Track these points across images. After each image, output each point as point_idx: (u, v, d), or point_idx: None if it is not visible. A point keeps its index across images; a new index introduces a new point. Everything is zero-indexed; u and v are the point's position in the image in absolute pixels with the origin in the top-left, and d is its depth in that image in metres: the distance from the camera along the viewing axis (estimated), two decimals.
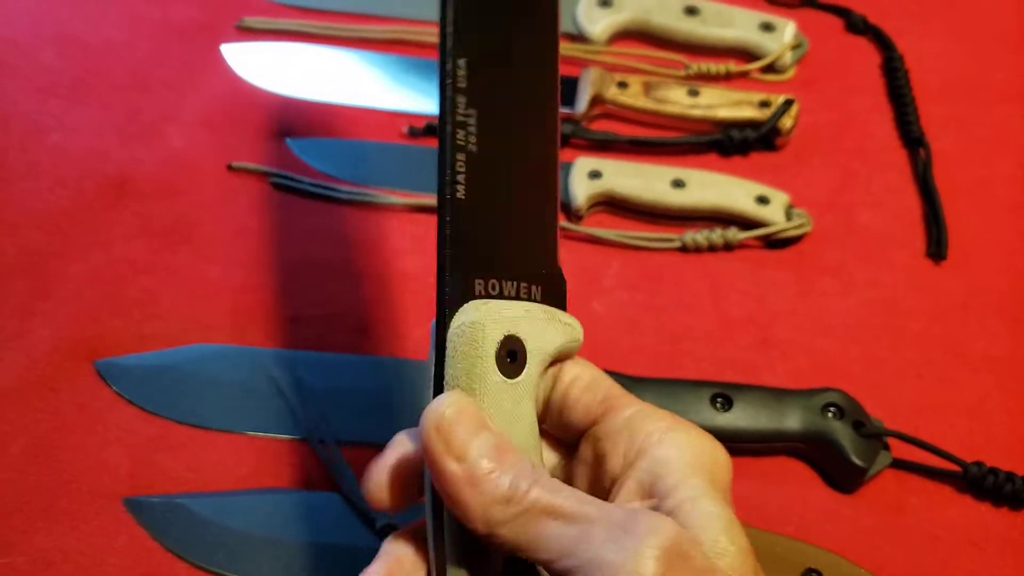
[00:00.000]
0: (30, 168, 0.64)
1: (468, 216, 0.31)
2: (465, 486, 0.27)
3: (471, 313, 0.30)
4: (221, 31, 0.72)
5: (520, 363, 0.31)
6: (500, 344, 0.30)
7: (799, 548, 0.47)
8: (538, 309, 0.32)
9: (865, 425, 0.51)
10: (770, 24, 0.72)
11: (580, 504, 0.27)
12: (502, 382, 0.30)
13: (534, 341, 0.31)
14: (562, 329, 0.32)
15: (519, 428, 0.31)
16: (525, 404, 0.31)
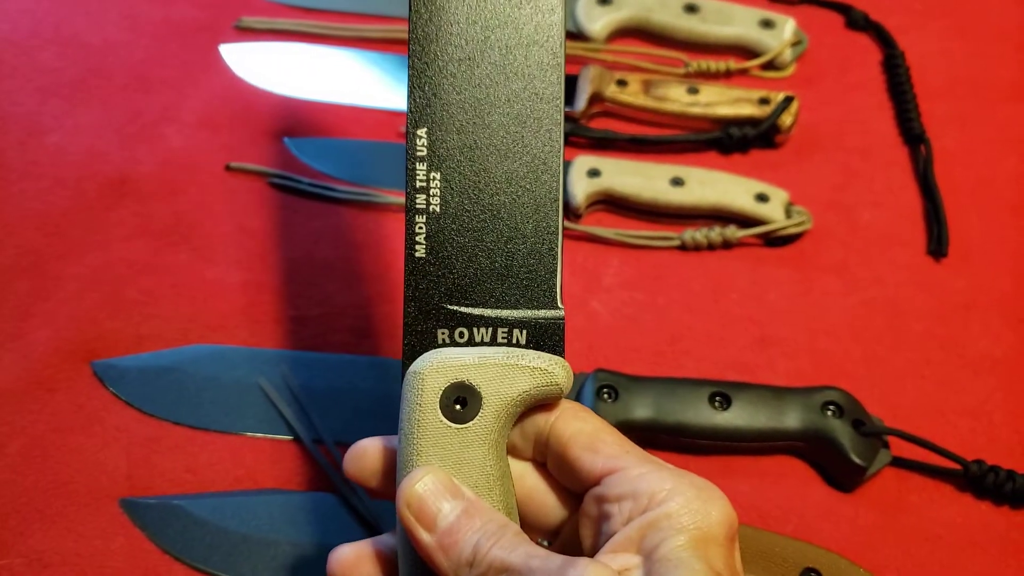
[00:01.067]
0: (30, 168, 0.64)
1: (430, 273, 0.34)
2: (436, 552, 0.31)
3: (420, 363, 0.33)
4: (220, 31, 0.72)
5: (472, 409, 0.32)
6: (445, 391, 0.32)
7: (798, 547, 0.47)
8: (500, 354, 0.33)
9: (865, 424, 0.51)
10: (770, 21, 0.71)
11: (528, 559, 0.30)
12: (446, 428, 0.32)
13: (490, 387, 0.33)
14: (528, 375, 0.33)
15: (469, 472, 0.32)
16: (477, 449, 0.32)
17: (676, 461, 0.52)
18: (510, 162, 0.34)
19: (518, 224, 0.34)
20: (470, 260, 0.34)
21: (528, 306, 0.34)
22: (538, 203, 0.34)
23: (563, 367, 0.33)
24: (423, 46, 0.34)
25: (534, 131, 0.34)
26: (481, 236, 0.34)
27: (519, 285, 0.34)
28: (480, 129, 0.34)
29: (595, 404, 0.51)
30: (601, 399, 0.51)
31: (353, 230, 0.62)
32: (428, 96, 0.34)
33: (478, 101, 0.34)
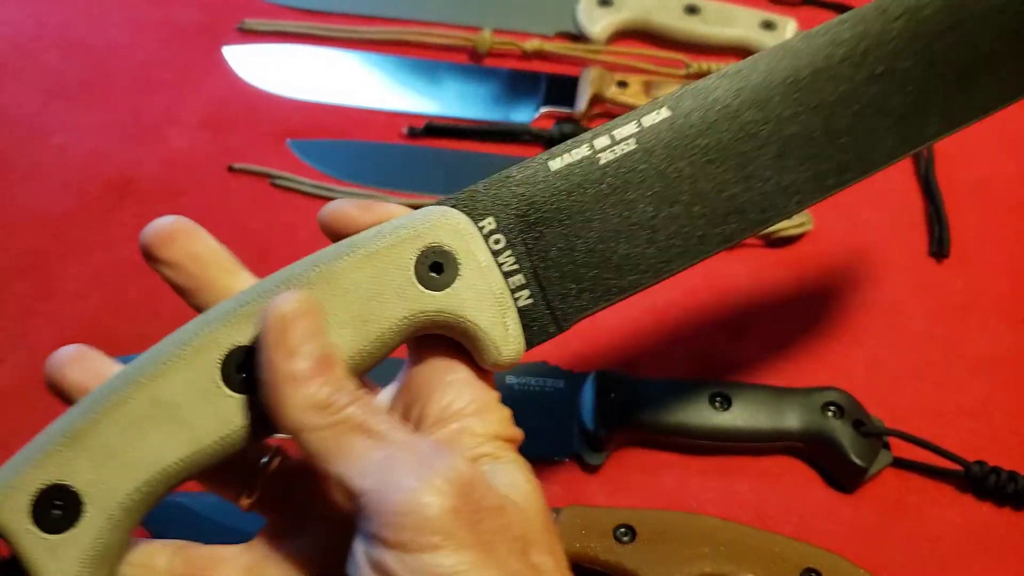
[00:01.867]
0: (33, 170, 0.64)
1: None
2: (287, 382, 0.28)
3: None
4: (222, 33, 0.72)
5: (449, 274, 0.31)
6: (423, 254, 0.31)
7: (798, 548, 0.47)
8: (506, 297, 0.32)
9: (865, 424, 0.51)
10: (771, 22, 0.72)
11: (392, 429, 0.28)
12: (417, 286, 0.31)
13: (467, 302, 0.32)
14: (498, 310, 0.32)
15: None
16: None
17: (676, 461, 0.52)
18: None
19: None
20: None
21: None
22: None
23: (519, 342, 0.32)
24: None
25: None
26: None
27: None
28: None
29: (595, 404, 0.51)
30: (601, 399, 0.51)
31: None
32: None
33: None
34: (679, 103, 0.33)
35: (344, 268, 0.30)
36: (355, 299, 0.30)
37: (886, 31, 0.35)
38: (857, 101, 0.34)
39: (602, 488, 0.51)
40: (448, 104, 0.69)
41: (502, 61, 0.72)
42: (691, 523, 0.47)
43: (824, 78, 0.34)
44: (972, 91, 0.36)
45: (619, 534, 0.46)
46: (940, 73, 0.35)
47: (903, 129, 0.35)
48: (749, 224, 0.34)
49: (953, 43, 0.35)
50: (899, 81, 0.35)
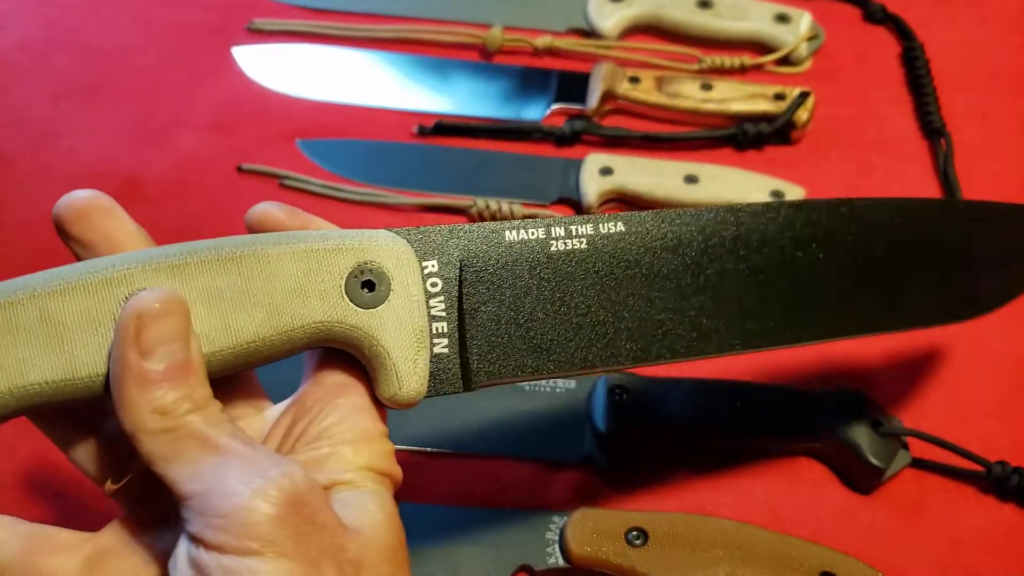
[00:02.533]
0: (43, 172, 0.64)
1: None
2: (132, 382, 0.27)
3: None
4: (232, 33, 0.72)
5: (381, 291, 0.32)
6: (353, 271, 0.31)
7: (815, 551, 0.46)
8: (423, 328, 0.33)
9: (883, 424, 0.50)
10: (785, 15, 0.70)
11: (232, 440, 0.27)
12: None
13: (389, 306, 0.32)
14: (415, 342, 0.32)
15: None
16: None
17: (690, 463, 0.51)
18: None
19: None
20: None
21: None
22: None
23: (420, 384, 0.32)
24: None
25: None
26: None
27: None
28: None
29: (607, 405, 0.50)
30: (613, 400, 0.50)
31: None
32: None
33: None
34: (637, 223, 0.35)
35: (279, 254, 0.30)
36: (279, 287, 0.30)
37: (839, 227, 0.38)
38: (796, 277, 0.37)
39: (614, 490, 0.50)
40: (458, 102, 0.68)
41: (513, 58, 0.71)
42: (705, 526, 0.46)
43: (772, 247, 0.37)
44: (897, 306, 0.40)
45: (631, 537, 0.45)
46: (872, 280, 0.39)
47: (834, 314, 0.38)
48: (667, 351, 0.35)
49: (888, 259, 0.39)
50: (836, 272, 0.38)
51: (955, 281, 0.41)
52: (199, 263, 0.29)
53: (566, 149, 0.66)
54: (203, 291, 0.29)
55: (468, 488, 0.50)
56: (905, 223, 0.39)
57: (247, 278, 0.30)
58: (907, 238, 0.39)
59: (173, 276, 0.29)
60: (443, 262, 0.33)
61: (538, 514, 0.47)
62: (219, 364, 0.30)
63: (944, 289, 0.41)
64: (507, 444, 0.51)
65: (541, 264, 0.34)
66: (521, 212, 0.61)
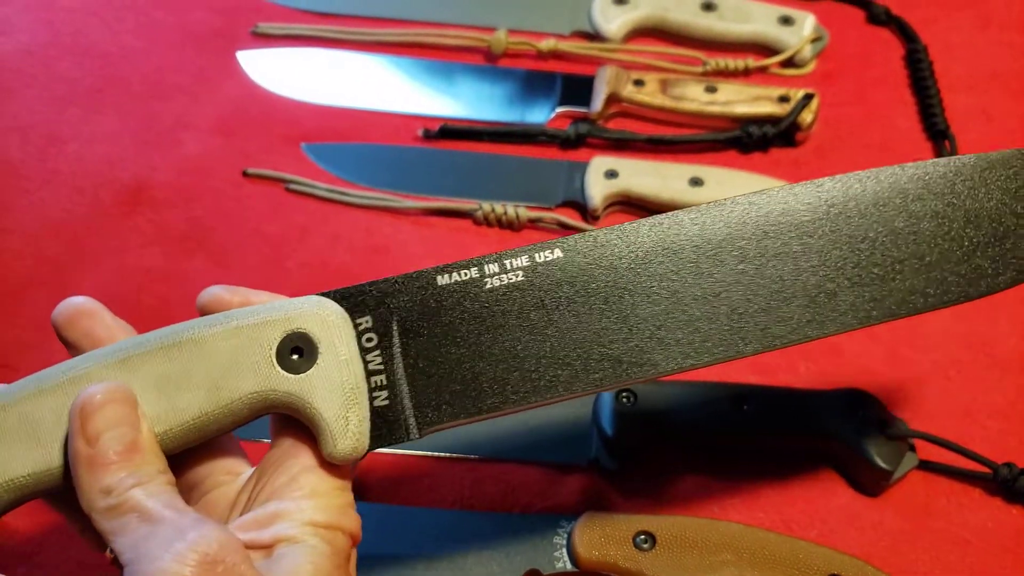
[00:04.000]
0: (48, 177, 0.64)
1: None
2: (83, 466, 0.30)
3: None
4: (236, 37, 0.72)
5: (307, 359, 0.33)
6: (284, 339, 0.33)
7: (822, 553, 0.46)
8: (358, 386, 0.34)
9: (890, 426, 0.50)
10: (789, 17, 0.70)
11: (163, 508, 0.30)
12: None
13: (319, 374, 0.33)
14: (347, 400, 0.33)
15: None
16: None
17: (697, 466, 0.51)
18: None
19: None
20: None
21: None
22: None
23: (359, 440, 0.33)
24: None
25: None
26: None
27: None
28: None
29: (614, 408, 0.50)
30: (620, 403, 0.50)
31: (370, 235, 0.62)
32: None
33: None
34: (573, 247, 0.35)
35: (214, 335, 0.33)
36: (215, 365, 0.32)
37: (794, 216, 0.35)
38: (756, 282, 0.35)
39: (621, 494, 0.50)
40: (463, 106, 0.68)
41: (517, 61, 0.71)
42: (713, 529, 0.46)
43: (729, 250, 0.35)
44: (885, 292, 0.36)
45: (639, 541, 0.45)
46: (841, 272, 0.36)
47: (807, 315, 0.35)
48: (622, 374, 0.34)
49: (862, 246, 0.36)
50: (803, 271, 0.35)
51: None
52: (145, 353, 0.33)
53: (571, 152, 0.66)
54: (151, 378, 0.32)
55: (476, 492, 0.50)
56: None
57: (188, 361, 0.33)
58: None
59: (124, 368, 0.32)
60: (377, 316, 0.34)
61: (546, 518, 0.47)
62: (172, 441, 0.33)
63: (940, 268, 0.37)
64: (515, 448, 0.51)
65: (478, 303, 0.34)
66: (526, 215, 0.61)
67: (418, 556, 0.46)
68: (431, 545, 0.46)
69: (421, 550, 0.46)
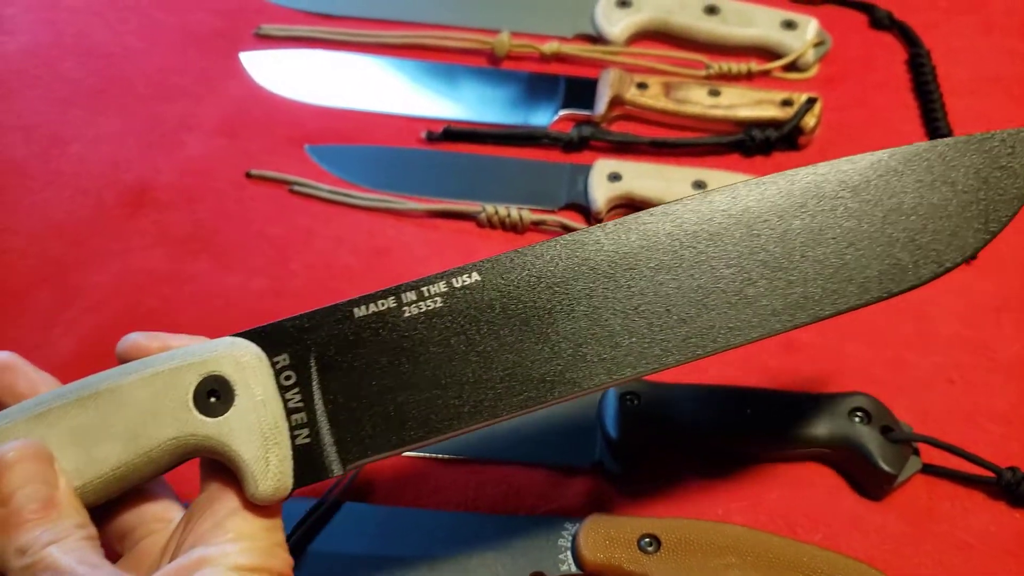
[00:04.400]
0: (52, 178, 0.64)
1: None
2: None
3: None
4: (239, 39, 0.72)
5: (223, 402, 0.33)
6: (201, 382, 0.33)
7: (827, 557, 0.46)
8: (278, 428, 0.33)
9: (894, 430, 0.50)
10: (792, 22, 0.71)
11: (79, 564, 0.30)
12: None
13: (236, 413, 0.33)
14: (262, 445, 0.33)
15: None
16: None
17: (701, 469, 0.51)
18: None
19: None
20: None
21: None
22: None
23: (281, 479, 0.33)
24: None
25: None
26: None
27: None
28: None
29: (618, 411, 0.50)
30: (625, 406, 0.50)
31: (374, 237, 0.62)
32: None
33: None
34: (492, 268, 0.34)
35: (130, 384, 0.33)
36: (133, 413, 0.32)
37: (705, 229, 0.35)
38: (674, 292, 0.34)
39: (626, 497, 0.50)
40: (466, 108, 0.68)
41: (520, 64, 0.71)
42: (717, 532, 0.46)
43: (646, 262, 0.35)
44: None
45: (644, 544, 0.45)
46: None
47: (728, 321, 0.35)
48: (547, 394, 0.34)
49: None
50: (721, 278, 0.35)
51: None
52: (63, 406, 0.32)
53: (574, 155, 0.66)
54: (68, 431, 0.32)
55: (480, 494, 0.50)
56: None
57: (105, 412, 0.32)
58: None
59: (41, 422, 0.32)
60: (295, 353, 0.33)
61: (550, 520, 0.47)
62: (93, 494, 0.32)
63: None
64: (519, 450, 0.51)
65: (397, 333, 0.34)
66: (530, 218, 0.61)
67: (422, 558, 0.46)
68: (435, 547, 0.46)
69: (425, 552, 0.46)
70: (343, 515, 0.48)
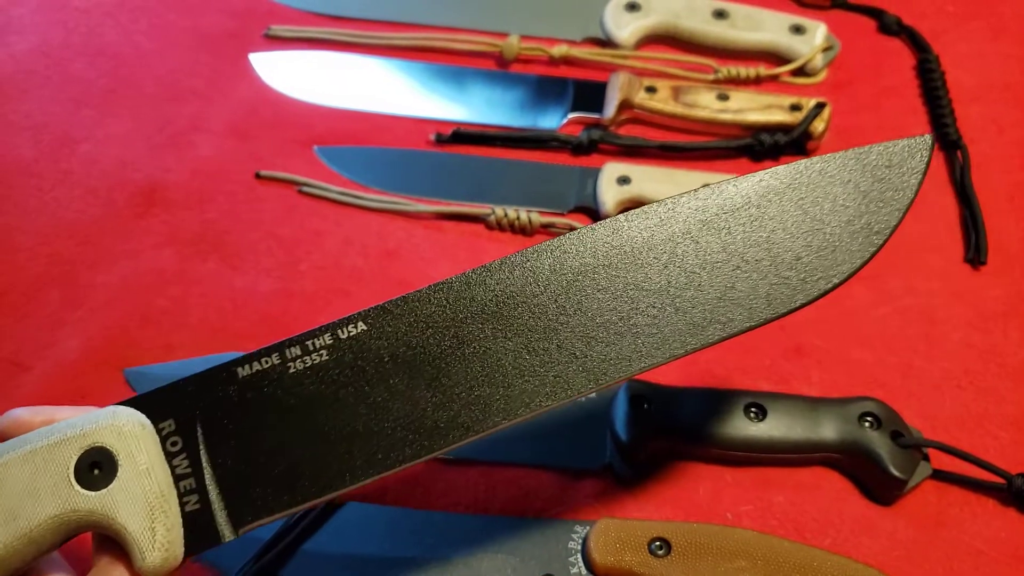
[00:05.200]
0: (62, 178, 0.64)
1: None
2: None
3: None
4: (249, 40, 0.72)
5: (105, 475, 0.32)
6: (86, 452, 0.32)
7: (836, 562, 0.46)
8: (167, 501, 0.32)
9: (903, 435, 0.50)
10: (800, 26, 0.71)
11: None
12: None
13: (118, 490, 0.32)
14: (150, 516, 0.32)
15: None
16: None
17: (711, 472, 0.51)
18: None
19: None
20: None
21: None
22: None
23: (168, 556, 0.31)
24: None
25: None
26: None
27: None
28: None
29: (628, 414, 0.50)
30: (634, 409, 0.50)
31: (383, 238, 0.62)
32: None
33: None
34: (377, 317, 0.34)
35: (7, 463, 0.31)
36: (11, 494, 0.31)
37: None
38: (564, 328, 0.34)
39: (636, 500, 0.50)
40: (475, 110, 0.68)
41: (529, 67, 0.71)
42: (728, 536, 0.46)
43: (535, 300, 0.34)
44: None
45: (654, 547, 0.45)
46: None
47: (628, 350, 0.34)
48: (442, 442, 0.33)
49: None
50: (614, 310, 0.34)
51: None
52: None
53: (583, 158, 0.66)
54: None
55: (491, 496, 0.50)
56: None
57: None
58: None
59: None
60: (180, 418, 0.33)
61: (560, 523, 0.47)
62: None
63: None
64: (529, 452, 0.51)
65: (282, 390, 0.33)
66: (539, 220, 0.61)
67: (432, 560, 0.46)
68: (446, 549, 0.46)
69: (436, 554, 0.46)
70: (353, 516, 0.48)
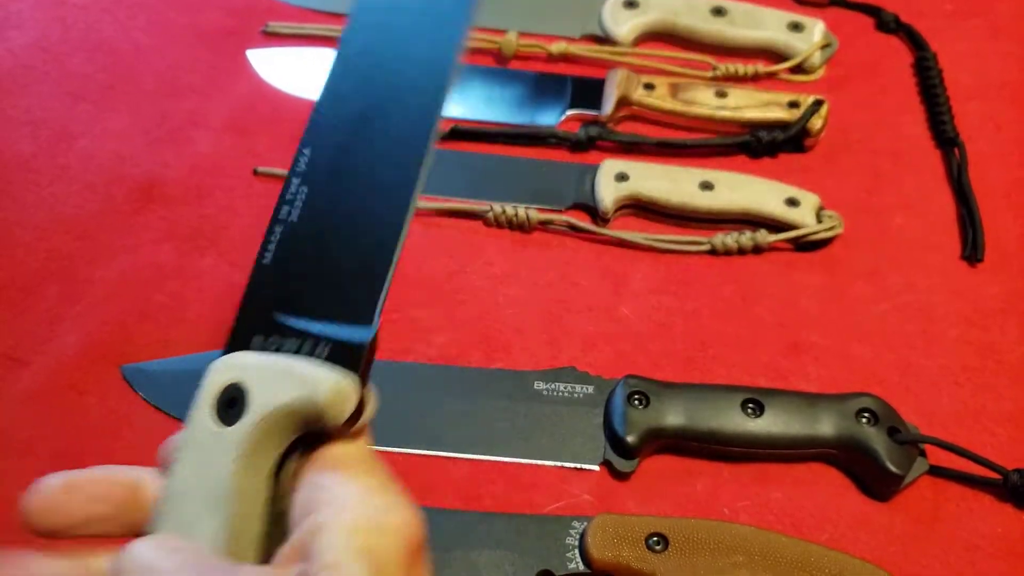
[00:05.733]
0: (60, 173, 0.64)
1: (269, 281, 0.34)
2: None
3: (215, 362, 0.32)
4: (247, 36, 0.72)
5: (237, 412, 0.31)
6: (222, 391, 0.31)
7: (833, 557, 0.46)
8: (280, 361, 0.31)
9: (900, 431, 0.50)
10: (799, 24, 0.71)
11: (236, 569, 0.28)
12: (213, 429, 0.31)
13: (258, 392, 0.31)
14: (294, 384, 0.30)
15: (214, 480, 0.30)
16: (228, 455, 0.30)
17: (708, 468, 0.51)
18: (369, 185, 0.34)
19: (361, 242, 0.33)
20: (310, 273, 0.33)
21: (341, 320, 0.32)
22: (384, 221, 0.33)
23: (334, 383, 0.30)
24: (337, 74, 0.37)
25: (398, 158, 0.35)
26: (327, 251, 0.34)
27: (343, 300, 0.33)
28: (355, 151, 0.35)
29: (625, 410, 0.50)
30: (632, 405, 0.50)
31: None
32: (322, 116, 0.36)
33: (360, 123, 0.35)
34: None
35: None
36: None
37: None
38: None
39: (633, 496, 0.50)
40: (474, 107, 0.68)
41: (528, 64, 0.71)
42: (725, 532, 0.46)
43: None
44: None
45: (652, 543, 0.45)
46: None
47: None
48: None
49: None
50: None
51: None
52: None
53: (581, 155, 0.66)
54: None
55: (488, 492, 0.50)
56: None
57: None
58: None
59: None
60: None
61: (558, 519, 0.47)
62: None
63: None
64: (527, 448, 0.51)
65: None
66: (537, 217, 0.61)
67: (430, 555, 0.46)
68: (444, 544, 0.46)
69: (434, 549, 0.46)
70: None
